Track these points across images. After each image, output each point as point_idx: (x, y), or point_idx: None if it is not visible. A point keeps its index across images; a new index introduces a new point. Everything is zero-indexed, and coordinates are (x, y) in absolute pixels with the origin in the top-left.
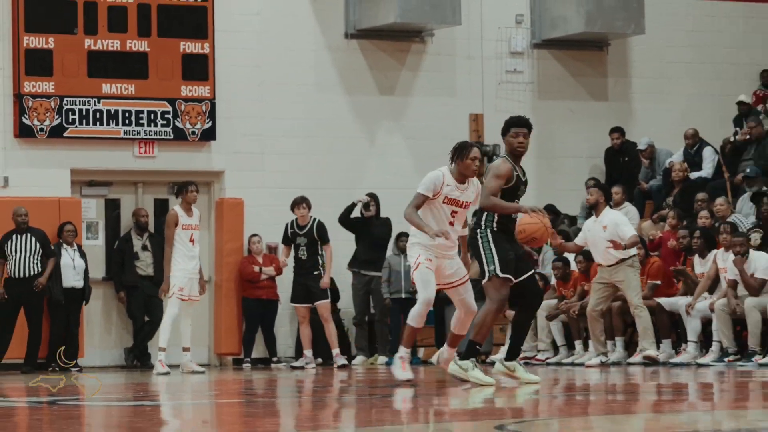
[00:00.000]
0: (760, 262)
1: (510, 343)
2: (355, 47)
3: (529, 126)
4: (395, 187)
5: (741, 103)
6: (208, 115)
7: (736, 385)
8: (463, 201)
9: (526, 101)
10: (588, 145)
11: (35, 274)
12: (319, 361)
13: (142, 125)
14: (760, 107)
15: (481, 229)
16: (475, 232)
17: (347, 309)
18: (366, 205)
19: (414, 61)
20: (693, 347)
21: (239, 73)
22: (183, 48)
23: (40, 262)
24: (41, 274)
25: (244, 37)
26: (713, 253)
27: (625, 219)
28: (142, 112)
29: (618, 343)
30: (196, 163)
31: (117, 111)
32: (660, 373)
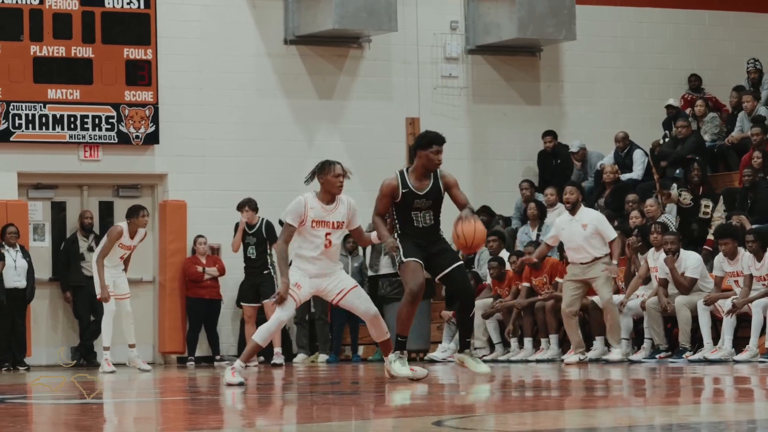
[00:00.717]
0: (690, 261)
1: (459, 337)
2: (295, 53)
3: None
4: None
5: (669, 106)
6: (152, 120)
7: (667, 381)
8: (332, 221)
9: (461, 105)
10: (521, 147)
11: None
12: (261, 360)
13: (87, 129)
14: (689, 110)
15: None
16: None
17: None
18: None
19: (352, 66)
20: (625, 344)
21: (181, 78)
22: (126, 54)
23: None
24: None
25: (186, 44)
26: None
27: (605, 218)
28: (87, 116)
29: (552, 340)
30: (140, 166)
31: (62, 116)
32: (593, 369)
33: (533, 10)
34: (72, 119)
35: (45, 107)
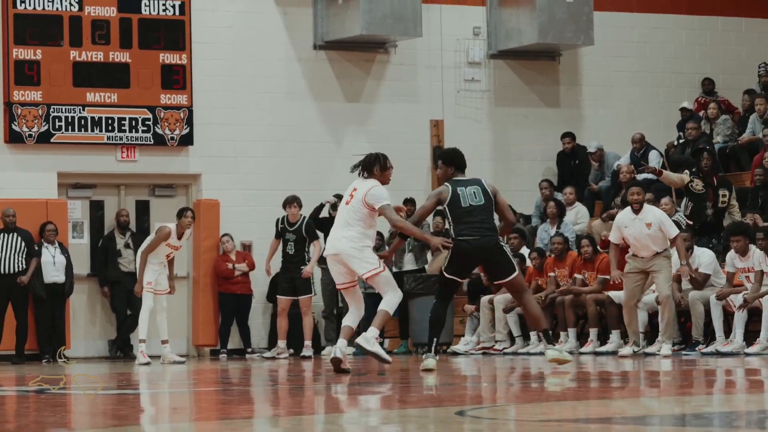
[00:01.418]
0: (704, 258)
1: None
2: (323, 58)
3: None
4: None
5: (684, 109)
6: (186, 122)
7: (681, 373)
8: None
9: (483, 108)
10: (541, 148)
11: (19, 271)
12: (291, 352)
13: (124, 131)
14: (702, 113)
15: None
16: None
17: (317, 303)
18: (334, 206)
19: (378, 71)
20: (641, 338)
21: (215, 82)
22: (162, 59)
23: (24, 260)
24: (25, 271)
25: (219, 49)
26: None
27: (667, 216)
28: (124, 119)
29: (570, 334)
30: (175, 166)
31: (101, 118)
32: (608, 362)
33: (553, 16)
34: (110, 121)
35: (84, 110)
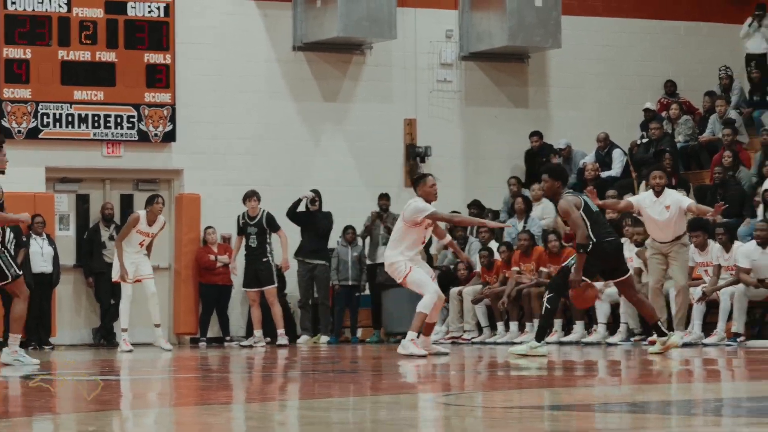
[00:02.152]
0: None
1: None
2: (302, 59)
3: None
4: (337, 185)
5: (647, 110)
6: (170, 119)
7: (641, 362)
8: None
9: (454, 108)
10: (510, 147)
11: None
12: (268, 340)
13: (109, 128)
14: (664, 113)
15: None
16: None
17: (293, 293)
18: (312, 201)
19: (355, 72)
20: (602, 328)
21: (197, 81)
22: (147, 59)
23: (13, 251)
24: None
25: (201, 49)
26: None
27: (681, 195)
28: (109, 116)
29: (536, 324)
30: (158, 162)
31: (87, 115)
32: (572, 351)
33: (523, 20)
34: (96, 118)
35: (71, 107)
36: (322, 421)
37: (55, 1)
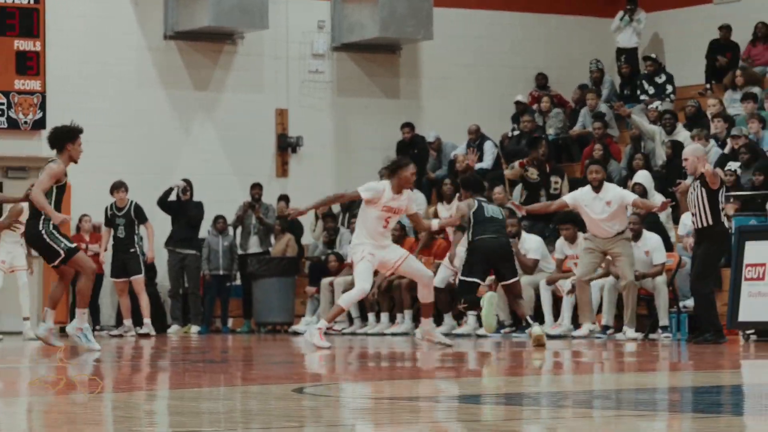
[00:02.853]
0: (532, 244)
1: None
2: (173, 47)
3: None
4: (207, 174)
5: (518, 102)
6: (39, 107)
7: (511, 354)
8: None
9: (326, 98)
10: (382, 138)
11: None
12: (138, 330)
13: None
14: (535, 106)
15: None
16: None
17: (163, 283)
18: (183, 190)
19: (226, 61)
20: (473, 320)
21: (68, 69)
22: (17, 46)
23: None
24: None
25: (72, 37)
26: None
27: (625, 191)
28: None
29: (407, 315)
30: (28, 149)
31: None
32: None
33: (394, 11)
34: None
35: None
36: (191, 411)
37: None
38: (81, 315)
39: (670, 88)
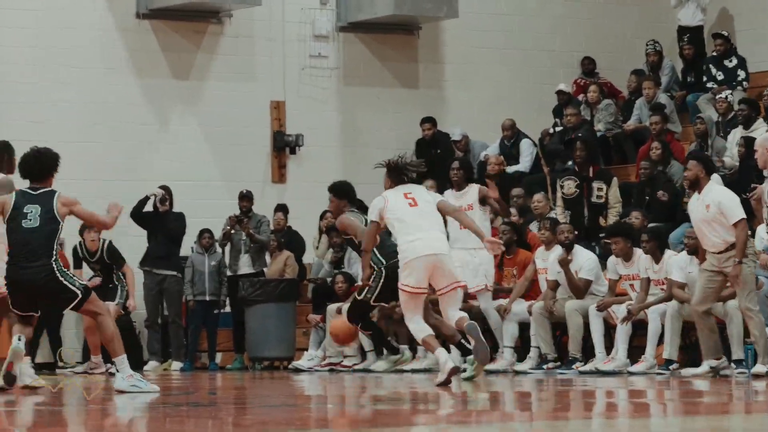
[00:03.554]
0: (584, 261)
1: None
2: (147, 28)
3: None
4: (189, 179)
5: (560, 92)
6: None
7: (555, 393)
8: None
9: (330, 87)
10: (397, 135)
11: None
12: (108, 367)
13: None
14: (581, 96)
15: None
16: None
17: (139, 311)
18: (161, 199)
19: (210, 44)
20: (509, 353)
21: (18, 54)
22: None
23: None
24: None
25: (21, 16)
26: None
27: (734, 197)
28: None
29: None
30: None
31: None
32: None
33: None
34: None
35: None
36: None
37: None
38: (122, 362)
39: (742, 74)
